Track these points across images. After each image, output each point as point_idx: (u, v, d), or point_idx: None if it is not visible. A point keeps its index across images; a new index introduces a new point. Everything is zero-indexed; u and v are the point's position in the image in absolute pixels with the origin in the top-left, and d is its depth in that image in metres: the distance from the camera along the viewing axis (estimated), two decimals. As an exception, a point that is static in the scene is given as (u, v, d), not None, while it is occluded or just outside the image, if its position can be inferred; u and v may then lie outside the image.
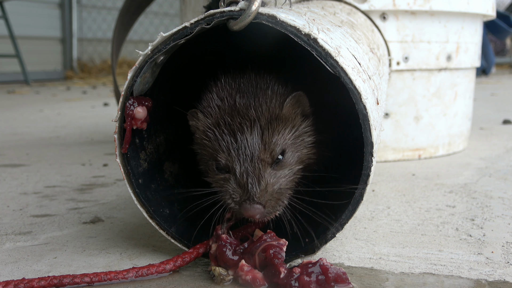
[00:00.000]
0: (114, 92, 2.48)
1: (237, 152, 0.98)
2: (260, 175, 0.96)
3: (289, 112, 1.03)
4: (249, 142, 0.98)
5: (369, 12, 1.86)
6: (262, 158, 0.97)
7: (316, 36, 0.90)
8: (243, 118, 0.99)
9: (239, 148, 0.98)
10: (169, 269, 0.96)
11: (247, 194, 0.95)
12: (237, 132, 0.99)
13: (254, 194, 0.94)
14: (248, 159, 0.97)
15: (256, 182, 0.95)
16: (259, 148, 0.98)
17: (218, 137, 1.00)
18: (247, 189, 0.95)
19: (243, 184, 0.96)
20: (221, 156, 0.99)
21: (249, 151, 0.97)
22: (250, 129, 0.99)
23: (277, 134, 1.00)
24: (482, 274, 0.96)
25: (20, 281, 0.89)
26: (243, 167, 0.97)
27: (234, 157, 0.98)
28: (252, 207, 0.94)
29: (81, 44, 9.00)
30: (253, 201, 0.94)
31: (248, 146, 0.98)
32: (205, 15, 0.92)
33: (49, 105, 4.60)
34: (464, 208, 1.37)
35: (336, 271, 0.89)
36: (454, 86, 2.06)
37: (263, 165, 0.97)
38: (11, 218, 1.34)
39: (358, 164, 0.95)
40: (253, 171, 0.96)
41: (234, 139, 0.99)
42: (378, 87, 1.16)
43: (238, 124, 0.99)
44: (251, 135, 0.98)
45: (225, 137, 1.00)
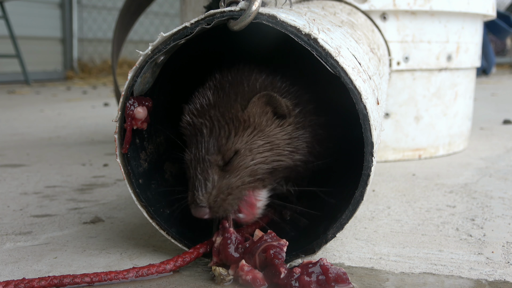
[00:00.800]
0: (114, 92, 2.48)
1: (193, 154, 1.00)
2: (206, 178, 0.98)
3: (253, 112, 1.01)
4: (204, 144, 1.00)
5: (370, 12, 1.86)
6: (211, 161, 0.99)
7: (316, 36, 0.90)
8: (206, 118, 1.01)
9: (195, 150, 1.00)
10: (169, 269, 0.96)
11: (192, 198, 0.98)
12: (198, 132, 1.01)
13: (197, 197, 0.97)
14: (200, 162, 0.99)
15: (202, 185, 0.98)
16: (212, 150, 0.99)
17: (188, 136, 1.04)
18: (193, 192, 0.98)
19: (192, 187, 0.99)
20: (187, 156, 1.02)
21: (201, 153, 0.99)
22: (209, 130, 1.00)
23: (233, 135, 1.00)
24: (482, 274, 0.96)
25: (21, 281, 0.89)
26: (193, 170, 1.00)
27: (192, 159, 1.00)
28: (197, 210, 0.97)
29: (81, 44, 9.00)
30: (197, 204, 0.97)
31: (202, 148, 1.00)
32: (205, 15, 0.92)
33: (49, 105, 4.60)
34: (464, 208, 1.37)
35: (337, 271, 0.89)
36: (454, 86, 2.06)
37: (212, 167, 0.99)
38: (12, 218, 1.34)
39: (358, 164, 0.95)
40: (201, 174, 0.98)
41: (196, 140, 1.01)
42: (379, 87, 1.16)
43: (200, 124, 1.01)
44: (209, 137, 1.00)
45: (191, 138, 1.02)
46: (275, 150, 1.03)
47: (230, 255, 0.94)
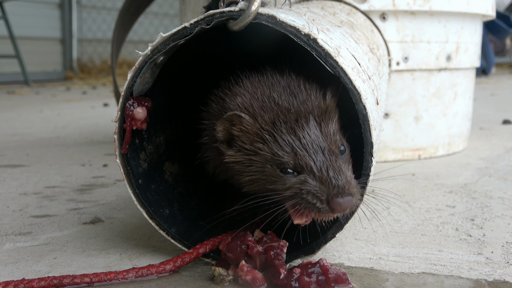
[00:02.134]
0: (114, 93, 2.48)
1: (305, 150, 0.92)
2: (339, 167, 0.91)
3: (332, 103, 1.00)
4: (312, 136, 0.93)
5: (369, 12, 1.86)
6: (333, 150, 0.93)
7: (315, 36, 0.90)
8: (297, 114, 0.94)
9: (305, 145, 0.92)
10: (169, 269, 0.96)
11: (336, 189, 0.89)
12: (296, 129, 0.93)
13: (343, 186, 0.89)
14: (320, 153, 0.92)
15: (337, 174, 0.90)
16: (323, 140, 0.93)
17: (277, 138, 0.94)
18: (333, 183, 0.89)
19: (326, 179, 0.90)
20: (287, 158, 0.92)
21: (317, 145, 0.92)
22: (307, 123, 0.94)
23: (332, 125, 0.96)
24: (482, 274, 0.96)
25: (20, 282, 0.89)
26: (318, 162, 0.91)
27: (305, 155, 0.91)
28: (345, 200, 0.88)
29: (81, 45, 8.99)
30: (344, 193, 0.89)
31: (314, 140, 0.92)
32: (204, 15, 0.92)
33: (49, 106, 4.60)
34: (464, 208, 1.37)
35: (336, 272, 0.89)
36: (454, 86, 2.06)
37: (336, 157, 0.92)
38: (11, 219, 1.34)
39: (358, 164, 0.95)
40: (331, 164, 0.91)
41: (296, 137, 0.93)
42: (378, 87, 1.16)
43: (295, 121, 0.94)
44: (311, 129, 0.93)
45: (285, 137, 0.93)
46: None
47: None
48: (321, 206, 0.89)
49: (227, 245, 0.95)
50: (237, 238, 0.94)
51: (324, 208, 0.89)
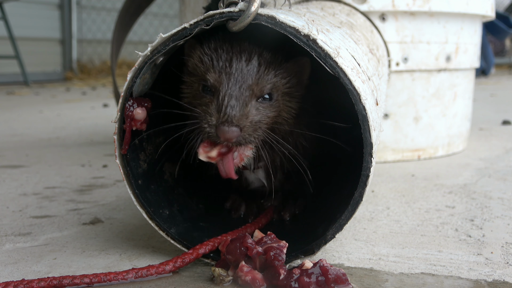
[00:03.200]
0: (113, 93, 2.48)
1: (228, 76, 0.95)
2: (245, 101, 0.94)
3: (291, 68, 1.03)
4: (244, 70, 0.96)
5: (369, 13, 1.86)
6: (252, 89, 0.96)
7: (315, 37, 0.91)
8: (244, 49, 0.97)
9: (232, 73, 0.95)
10: (168, 270, 0.96)
11: (225, 117, 0.92)
12: (234, 58, 0.96)
13: (232, 116, 0.92)
14: (238, 85, 0.95)
15: (237, 106, 0.93)
16: (251, 79, 0.96)
17: (213, 60, 0.98)
18: (226, 112, 0.92)
19: (221, 106, 0.93)
20: (210, 76, 0.97)
21: (241, 77, 0.95)
22: (249, 59, 0.97)
23: (273, 74, 0.99)
24: (481, 275, 0.96)
25: (20, 282, 0.89)
26: (229, 90, 0.94)
27: (224, 80, 0.95)
28: (229, 129, 0.91)
29: (80, 45, 8.99)
30: (231, 123, 0.92)
31: (241, 73, 0.95)
32: (204, 16, 0.93)
33: (48, 106, 4.60)
34: (463, 209, 1.37)
35: (336, 272, 0.89)
36: (453, 86, 2.06)
37: (250, 95, 0.95)
38: (11, 219, 1.34)
39: (357, 165, 0.96)
40: (238, 96, 0.94)
41: (229, 64, 0.96)
42: (378, 87, 1.16)
43: (237, 52, 0.97)
44: (248, 65, 0.96)
45: (220, 62, 0.97)
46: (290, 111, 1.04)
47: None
48: (210, 131, 0.93)
49: (227, 247, 0.95)
50: (236, 240, 0.94)
51: (212, 133, 0.93)
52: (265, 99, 0.98)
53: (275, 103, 1.00)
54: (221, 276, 0.92)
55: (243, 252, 0.93)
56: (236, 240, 0.94)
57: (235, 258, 0.93)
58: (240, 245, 0.93)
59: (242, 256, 0.93)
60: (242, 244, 0.93)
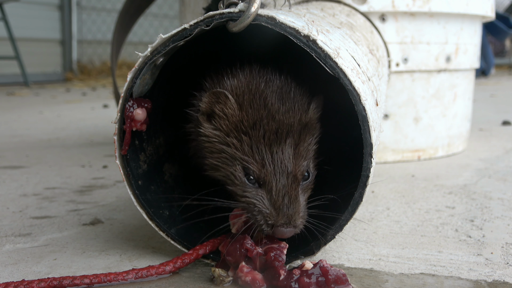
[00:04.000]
0: (113, 94, 2.48)
1: (273, 167, 0.91)
2: (295, 196, 0.91)
3: (314, 117, 0.99)
4: (284, 156, 0.92)
5: (369, 13, 1.86)
6: (296, 176, 0.92)
7: (315, 38, 0.91)
8: (279, 124, 0.92)
9: (274, 161, 0.91)
10: (168, 270, 0.96)
11: (284, 219, 0.90)
12: (273, 142, 0.92)
13: (290, 217, 0.90)
14: (284, 176, 0.91)
15: (291, 203, 0.91)
16: (292, 164, 0.92)
17: (253, 143, 0.93)
18: (283, 212, 0.90)
19: (279, 205, 0.90)
20: (254, 167, 0.92)
21: (284, 166, 0.91)
22: (285, 139, 0.92)
23: (306, 146, 0.95)
24: (481, 275, 0.96)
25: (20, 283, 0.89)
26: (279, 185, 0.91)
27: (271, 172, 0.91)
28: (287, 231, 0.91)
29: (80, 46, 9.00)
30: (290, 224, 0.90)
31: (283, 160, 0.91)
32: (204, 16, 0.93)
33: (48, 107, 4.60)
34: (463, 209, 1.37)
35: (336, 273, 0.89)
36: (453, 87, 2.06)
37: (297, 184, 0.92)
38: (11, 220, 1.34)
39: (357, 165, 0.96)
40: (289, 191, 0.91)
41: (270, 150, 0.92)
42: (378, 88, 1.16)
43: (275, 132, 0.92)
44: (286, 147, 0.92)
45: (261, 146, 0.92)
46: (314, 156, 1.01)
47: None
48: (266, 229, 0.92)
49: (227, 249, 0.95)
50: (236, 241, 0.94)
51: (267, 231, 0.92)
52: (305, 178, 0.95)
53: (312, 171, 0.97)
54: (221, 276, 0.92)
55: (243, 254, 0.93)
56: (236, 242, 0.94)
57: (235, 259, 0.93)
58: (240, 247, 0.93)
59: (242, 257, 0.93)
60: (242, 246, 0.93)
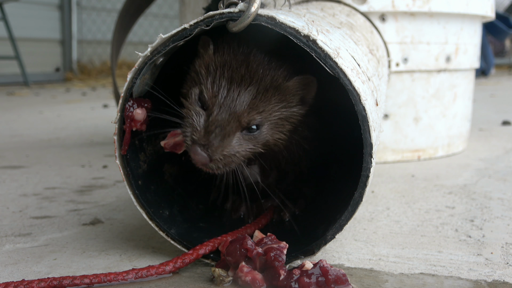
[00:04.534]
0: (113, 94, 2.48)
1: (223, 100, 0.96)
2: (228, 133, 0.95)
3: (292, 88, 1.02)
4: (238, 97, 0.97)
5: (368, 13, 1.86)
6: (240, 119, 0.96)
7: (315, 38, 0.91)
8: (249, 72, 0.98)
9: (227, 97, 0.96)
10: (168, 270, 0.96)
11: (204, 140, 0.94)
12: (234, 81, 0.97)
13: (211, 145, 0.94)
14: (229, 112, 0.96)
15: (219, 135, 0.94)
16: (244, 108, 0.96)
17: (216, 76, 0.99)
18: (208, 136, 0.94)
19: (209, 130, 0.94)
20: (207, 92, 0.98)
21: (233, 105, 0.96)
22: (248, 85, 0.97)
23: (267, 104, 0.99)
24: (481, 275, 0.96)
25: (20, 283, 0.89)
26: (219, 116, 0.95)
27: (219, 102, 0.96)
28: (200, 154, 0.94)
29: (80, 46, 8.99)
30: (206, 149, 0.94)
31: (234, 100, 0.96)
32: (204, 16, 0.93)
33: (48, 107, 4.60)
34: (463, 209, 1.37)
35: (336, 273, 0.89)
36: (453, 87, 2.06)
37: (236, 126, 0.96)
38: (11, 220, 1.34)
39: (357, 165, 0.96)
40: (225, 125, 0.95)
41: (227, 87, 0.97)
42: (378, 88, 1.16)
43: (240, 76, 0.97)
44: (244, 91, 0.97)
45: (222, 81, 0.98)
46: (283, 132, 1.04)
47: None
48: (188, 143, 0.96)
49: (226, 249, 0.95)
50: (236, 242, 0.94)
51: (188, 145, 0.96)
52: (251, 130, 0.99)
53: (261, 135, 1.00)
54: (221, 276, 0.92)
55: (243, 254, 0.93)
56: (235, 242, 0.94)
57: (235, 259, 0.93)
58: (240, 247, 0.93)
59: (242, 257, 0.93)
60: (242, 246, 0.93)
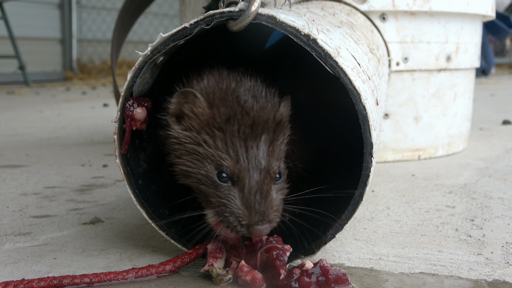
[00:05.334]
0: (113, 93, 2.48)
1: (247, 162, 0.87)
2: (267, 191, 0.88)
3: (285, 117, 0.96)
4: (259, 151, 0.88)
5: (369, 12, 1.86)
6: (270, 172, 0.89)
7: (315, 37, 0.90)
8: (254, 119, 0.89)
9: (249, 157, 0.88)
10: (168, 269, 0.96)
11: (257, 216, 0.86)
12: (249, 136, 0.88)
13: (263, 214, 0.86)
14: (258, 172, 0.88)
15: (262, 199, 0.87)
16: (266, 160, 0.89)
17: (227, 138, 0.89)
18: (255, 209, 0.86)
19: (250, 203, 0.87)
20: (228, 162, 0.88)
21: (258, 162, 0.88)
22: (261, 134, 0.89)
23: (279, 145, 0.93)
24: (481, 275, 0.96)
25: (20, 282, 0.89)
26: (252, 181, 0.87)
27: (245, 167, 0.87)
28: (263, 227, 0.87)
29: (80, 45, 9.00)
30: (264, 221, 0.87)
31: (257, 156, 0.88)
32: (204, 15, 0.92)
33: (48, 106, 4.60)
34: (463, 209, 1.37)
35: (336, 272, 0.89)
36: (453, 86, 2.06)
37: (270, 180, 0.89)
38: (11, 219, 1.34)
39: (357, 165, 0.96)
40: (261, 187, 0.87)
41: (245, 145, 0.88)
42: (378, 87, 1.16)
43: (250, 127, 0.89)
44: (261, 143, 0.89)
45: (236, 141, 0.88)
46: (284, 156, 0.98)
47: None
48: (241, 230, 0.88)
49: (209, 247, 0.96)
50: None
51: (243, 232, 0.88)
52: (278, 177, 0.92)
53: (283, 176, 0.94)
54: (219, 276, 0.92)
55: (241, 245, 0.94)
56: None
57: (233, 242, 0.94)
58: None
59: (240, 246, 0.94)
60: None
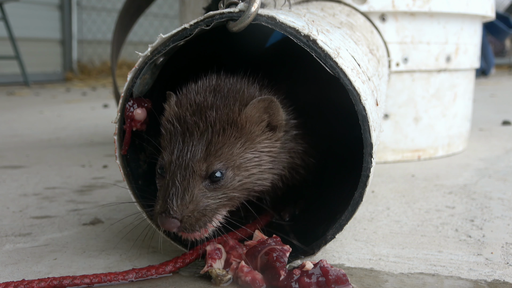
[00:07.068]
0: (113, 94, 2.48)
1: (178, 158, 0.91)
2: (186, 188, 0.89)
3: (249, 118, 0.94)
4: (192, 148, 0.91)
5: (369, 13, 1.86)
6: (196, 170, 0.90)
7: (315, 38, 0.91)
8: (199, 118, 0.92)
9: (182, 154, 0.91)
10: (168, 270, 0.96)
11: (164, 206, 0.89)
12: (186, 133, 0.92)
13: (171, 207, 0.88)
14: (182, 168, 0.90)
15: (178, 194, 0.89)
16: (198, 158, 0.90)
17: (172, 133, 0.94)
18: (166, 200, 0.89)
19: (164, 197, 0.90)
20: (166, 156, 0.93)
21: (186, 158, 0.90)
22: (200, 133, 0.92)
23: (226, 146, 0.92)
24: (481, 275, 0.96)
25: (20, 283, 0.89)
26: (171, 174, 0.90)
27: (172, 162, 0.91)
28: (166, 221, 0.89)
29: (81, 46, 9.00)
30: (169, 214, 0.88)
31: (188, 152, 0.90)
32: (204, 16, 0.93)
33: (49, 107, 4.60)
34: (463, 209, 1.37)
35: (337, 273, 0.89)
36: (453, 87, 2.06)
37: (194, 177, 0.90)
38: (11, 220, 1.34)
39: (357, 165, 0.96)
40: (181, 182, 0.89)
41: (182, 143, 0.92)
42: (378, 88, 1.16)
43: (192, 124, 0.92)
44: (198, 141, 0.91)
45: (177, 136, 0.93)
46: (261, 167, 0.97)
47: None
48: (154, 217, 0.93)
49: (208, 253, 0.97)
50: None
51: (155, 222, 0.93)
52: (214, 178, 0.92)
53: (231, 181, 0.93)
54: (219, 276, 0.92)
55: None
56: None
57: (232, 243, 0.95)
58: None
59: (240, 246, 0.95)
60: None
